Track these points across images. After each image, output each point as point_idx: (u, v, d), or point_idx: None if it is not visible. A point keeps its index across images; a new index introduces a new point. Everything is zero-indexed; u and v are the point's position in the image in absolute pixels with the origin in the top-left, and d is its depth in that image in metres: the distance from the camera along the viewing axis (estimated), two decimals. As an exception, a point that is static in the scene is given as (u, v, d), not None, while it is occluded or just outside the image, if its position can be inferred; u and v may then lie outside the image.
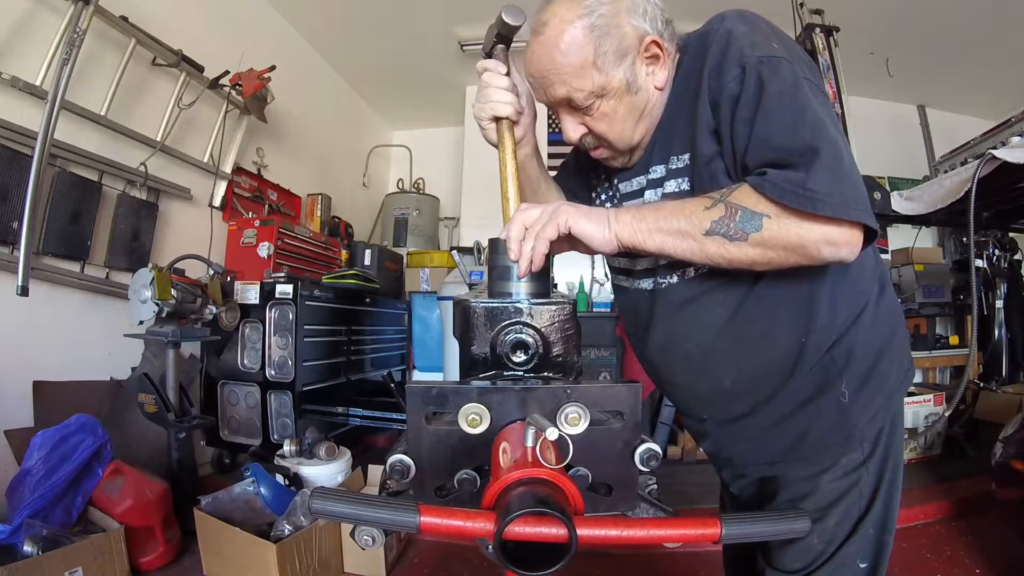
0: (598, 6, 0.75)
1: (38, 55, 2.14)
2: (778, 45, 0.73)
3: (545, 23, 0.77)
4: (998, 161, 2.12)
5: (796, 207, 0.65)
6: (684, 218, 0.70)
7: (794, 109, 0.69)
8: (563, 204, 0.74)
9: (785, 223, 0.66)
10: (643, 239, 0.71)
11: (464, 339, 0.72)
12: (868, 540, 0.82)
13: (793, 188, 0.65)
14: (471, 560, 2.15)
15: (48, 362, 2.25)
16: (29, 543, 1.59)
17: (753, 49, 0.72)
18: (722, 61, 0.74)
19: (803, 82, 0.71)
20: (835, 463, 0.82)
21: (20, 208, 2.00)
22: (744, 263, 0.70)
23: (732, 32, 0.74)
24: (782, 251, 0.68)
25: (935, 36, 3.88)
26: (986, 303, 3.94)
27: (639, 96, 0.81)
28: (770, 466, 0.87)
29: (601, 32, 0.75)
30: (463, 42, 4.19)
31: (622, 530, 0.52)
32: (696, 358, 0.87)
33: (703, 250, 0.69)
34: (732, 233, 0.67)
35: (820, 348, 0.81)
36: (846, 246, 0.67)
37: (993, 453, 2.03)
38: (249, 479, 2.05)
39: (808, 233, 0.66)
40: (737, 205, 0.68)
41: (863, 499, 0.82)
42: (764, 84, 0.70)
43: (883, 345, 0.84)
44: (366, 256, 4.04)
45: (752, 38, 0.74)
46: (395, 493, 0.67)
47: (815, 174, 0.65)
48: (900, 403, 0.87)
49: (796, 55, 0.75)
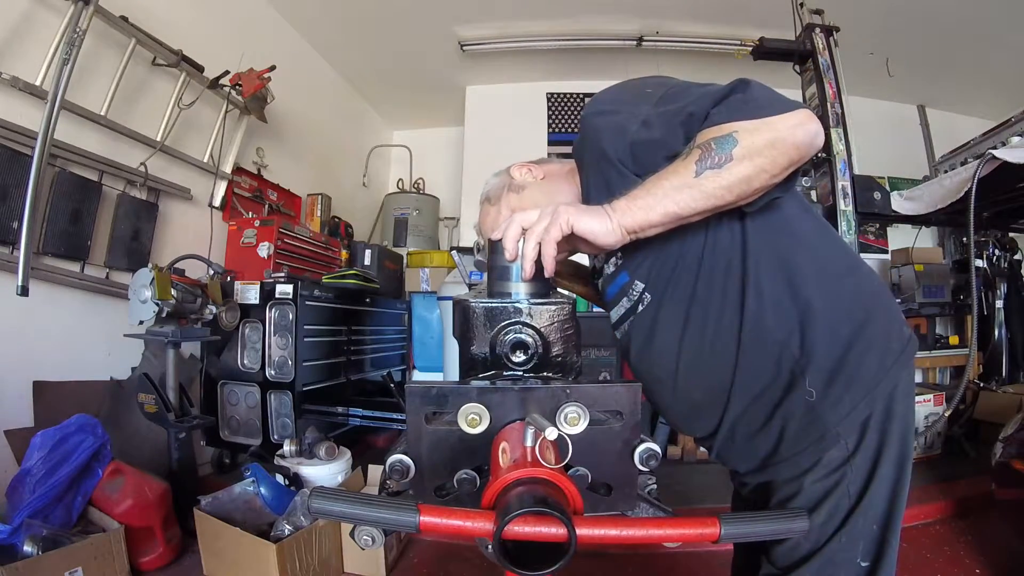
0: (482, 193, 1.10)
1: (38, 55, 2.14)
2: (651, 88, 0.87)
3: (485, 215, 1.08)
4: (998, 161, 2.12)
5: (752, 115, 0.72)
6: (672, 176, 0.73)
7: (701, 88, 0.81)
8: (560, 204, 0.74)
9: (753, 129, 0.71)
10: (646, 214, 0.72)
11: (464, 339, 0.72)
12: (870, 537, 0.80)
13: (739, 105, 0.74)
14: (471, 560, 2.15)
15: (48, 362, 2.25)
16: (29, 543, 1.59)
17: (642, 106, 0.84)
18: (582, 145, 0.91)
19: (681, 82, 0.86)
20: (817, 462, 0.80)
21: (20, 208, 2.00)
22: (743, 183, 0.72)
23: (585, 122, 0.91)
24: (767, 153, 0.71)
25: (935, 36, 3.88)
26: (986, 303, 3.94)
27: (530, 189, 1.02)
28: (762, 471, 0.87)
29: (483, 197, 1.08)
30: (463, 42, 4.19)
31: (622, 530, 0.52)
32: (667, 380, 0.89)
33: (702, 191, 0.72)
34: (718, 160, 0.71)
35: (769, 347, 0.80)
36: (810, 120, 0.72)
37: (993, 453, 2.03)
38: (249, 479, 2.05)
39: (775, 125, 0.71)
40: (706, 137, 0.73)
41: (851, 497, 0.79)
42: (679, 104, 0.80)
43: (852, 334, 0.79)
44: (366, 256, 4.04)
45: (604, 120, 0.87)
46: (395, 493, 0.67)
47: (752, 92, 0.75)
48: (890, 390, 0.80)
49: (669, 80, 0.89)
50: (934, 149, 4.73)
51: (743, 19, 3.76)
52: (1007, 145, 2.25)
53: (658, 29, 4.03)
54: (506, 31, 4.12)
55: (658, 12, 3.90)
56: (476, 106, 5.01)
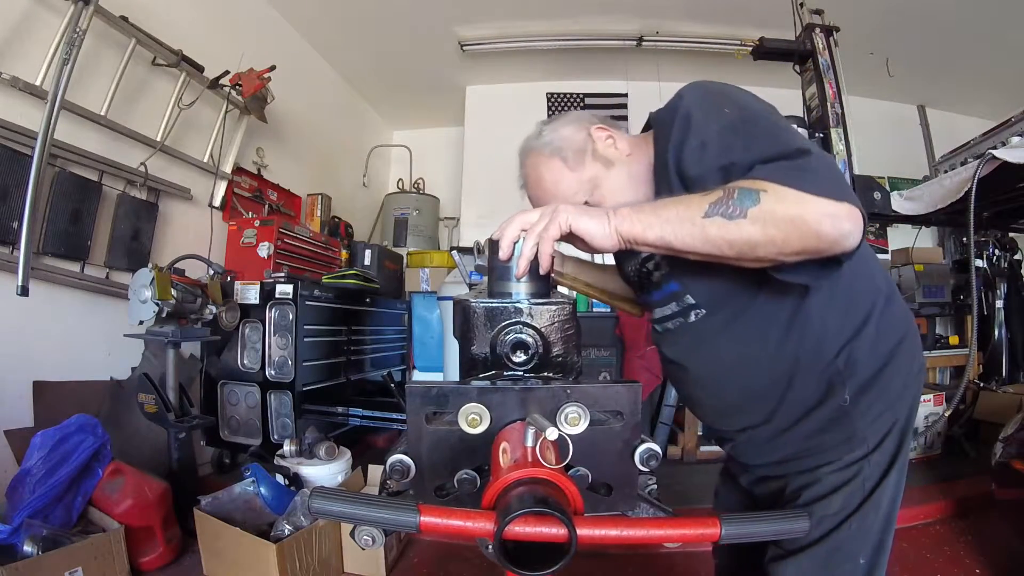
0: (550, 138, 0.95)
1: (38, 55, 2.14)
2: (730, 109, 0.80)
3: (527, 176, 0.98)
4: (998, 161, 2.12)
5: (791, 184, 0.66)
6: (683, 206, 0.71)
7: (769, 132, 0.75)
8: (561, 204, 0.75)
9: (783, 196, 0.66)
10: (643, 230, 0.71)
11: (464, 339, 0.72)
12: (870, 534, 0.85)
13: (787, 168, 0.69)
14: (471, 560, 2.15)
15: (48, 362, 2.25)
16: (29, 543, 1.59)
17: (711, 123, 0.79)
18: (682, 139, 0.81)
19: (770, 120, 0.78)
20: (838, 459, 0.86)
21: (20, 208, 2.00)
22: (745, 245, 0.68)
23: (690, 113, 0.82)
24: (782, 226, 0.66)
25: (935, 36, 3.88)
26: (986, 303, 3.94)
27: (620, 166, 0.92)
28: (779, 465, 0.92)
29: (554, 148, 0.93)
30: (463, 42, 4.19)
31: (622, 530, 0.52)
32: (707, 379, 0.94)
33: (703, 233, 0.68)
34: (731, 211, 0.67)
35: (819, 360, 0.85)
36: (848, 220, 0.65)
37: (993, 453, 2.03)
38: (249, 479, 2.05)
39: (807, 206, 0.65)
40: (735, 186, 0.69)
41: (864, 491, 0.85)
42: (737, 138, 0.77)
43: (889, 353, 0.86)
44: (366, 256, 4.04)
45: (706, 112, 0.81)
46: (395, 493, 0.67)
47: (808, 161, 0.70)
48: (908, 406, 0.89)
49: (752, 103, 0.82)
50: (934, 149, 4.73)
51: (743, 19, 3.76)
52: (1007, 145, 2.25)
53: (658, 29, 4.04)
54: (506, 31, 4.13)
55: (658, 12, 3.91)
56: (476, 106, 5.01)
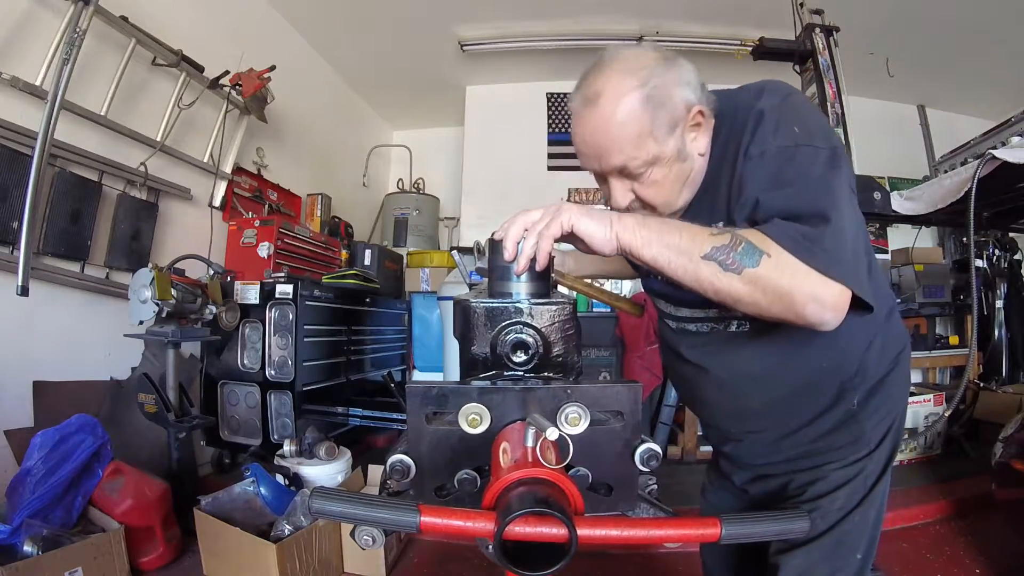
0: (651, 77, 0.76)
1: (38, 55, 2.14)
2: (799, 129, 0.76)
3: (599, 94, 0.77)
4: (998, 161, 2.12)
5: (796, 254, 0.67)
6: (687, 236, 0.70)
7: (807, 181, 0.72)
8: (565, 203, 0.76)
9: (782, 266, 0.67)
10: (641, 246, 0.71)
11: (464, 339, 0.72)
12: (866, 529, 0.89)
13: (799, 237, 0.68)
14: (471, 560, 2.15)
15: (48, 362, 2.25)
16: (29, 543, 1.59)
17: (776, 136, 0.75)
18: (749, 142, 0.77)
19: (820, 163, 0.73)
20: (844, 458, 0.90)
21: (20, 208, 2.00)
22: (728, 298, 0.70)
23: (764, 115, 0.77)
24: (770, 295, 0.68)
25: (935, 36, 3.88)
26: (986, 303, 3.94)
27: (687, 163, 0.83)
28: (783, 464, 0.95)
29: (656, 103, 0.77)
30: (463, 42, 4.19)
31: (622, 530, 0.52)
32: (728, 384, 0.95)
33: (696, 272, 0.69)
34: (729, 263, 0.67)
35: (839, 372, 0.89)
36: (832, 310, 0.67)
37: (993, 453, 2.03)
38: (249, 479, 2.04)
39: (800, 284, 0.67)
40: (742, 237, 0.69)
41: (866, 486, 0.90)
42: (789, 167, 0.74)
43: (894, 360, 0.93)
44: (366, 256, 4.03)
45: (778, 122, 0.76)
46: (395, 493, 0.67)
47: (820, 234, 0.68)
48: (904, 407, 0.96)
49: (820, 134, 0.76)
50: (934, 149, 4.72)
51: (743, 19, 3.75)
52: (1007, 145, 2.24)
53: (658, 29, 4.03)
54: (506, 31, 4.12)
55: (658, 12, 3.90)
56: (476, 106, 5.01)
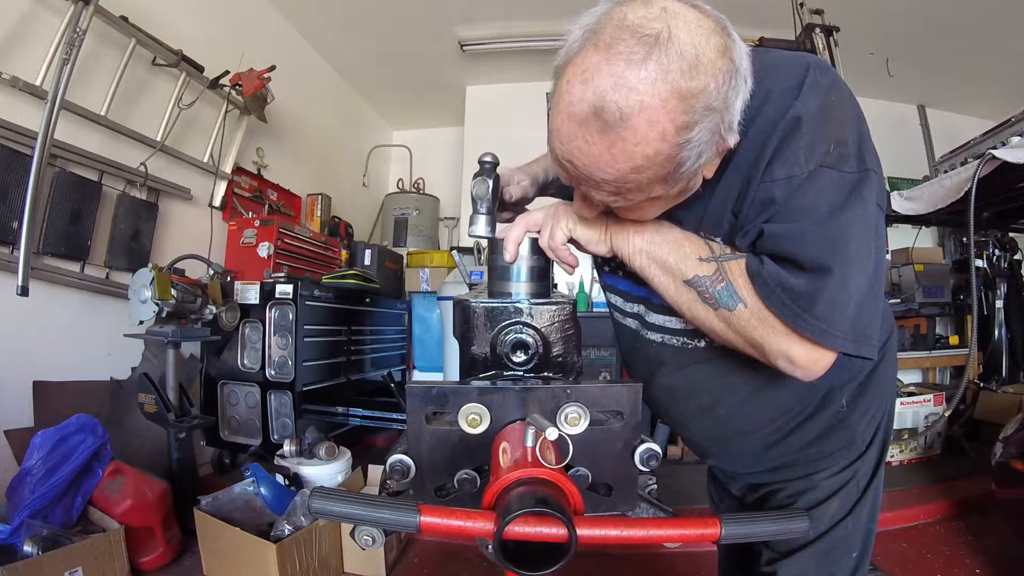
0: (707, 112, 0.55)
1: (38, 55, 2.14)
2: (833, 147, 0.63)
3: (625, 117, 0.54)
4: (998, 161, 2.12)
5: (780, 313, 0.63)
6: (676, 255, 0.69)
7: (817, 218, 0.62)
8: (560, 207, 0.76)
9: (757, 319, 0.65)
10: (630, 254, 0.72)
11: (464, 339, 0.72)
12: (861, 528, 0.87)
13: (783, 295, 0.63)
14: (471, 560, 2.15)
15: (48, 362, 2.25)
16: (29, 543, 1.59)
17: (809, 156, 0.63)
18: (773, 157, 0.64)
19: (842, 193, 0.63)
20: (835, 464, 0.86)
21: (20, 208, 2.00)
22: (703, 327, 0.70)
23: (800, 124, 0.63)
24: (741, 339, 0.67)
25: (935, 36, 3.88)
26: (986, 303, 3.94)
27: (686, 191, 0.67)
28: (772, 472, 0.91)
29: (694, 152, 0.57)
30: (463, 42, 4.19)
31: (622, 530, 0.52)
32: (708, 405, 0.88)
33: (676, 294, 0.69)
34: (707, 297, 0.67)
35: (831, 375, 0.79)
36: (802, 369, 0.65)
37: (993, 453, 2.02)
38: (249, 479, 2.04)
39: (772, 340, 0.65)
40: (727, 276, 0.66)
41: (859, 489, 0.87)
42: (804, 194, 0.64)
43: (880, 351, 0.84)
44: (366, 256, 4.04)
45: (813, 136, 0.63)
46: (395, 493, 0.67)
47: (813, 291, 0.61)
48: (893, 398, 0.93)
49: (854, 153, 0.64)
50: (934, 149, 4.73)
51: (743, 19, 3.72)
52: (1007, 145, 2.25)
53: (658, 29, 4.03)
54: (506, 31, 4.12)
55: (658, 12, 3.90)
56: (476, 106, 5.01)
